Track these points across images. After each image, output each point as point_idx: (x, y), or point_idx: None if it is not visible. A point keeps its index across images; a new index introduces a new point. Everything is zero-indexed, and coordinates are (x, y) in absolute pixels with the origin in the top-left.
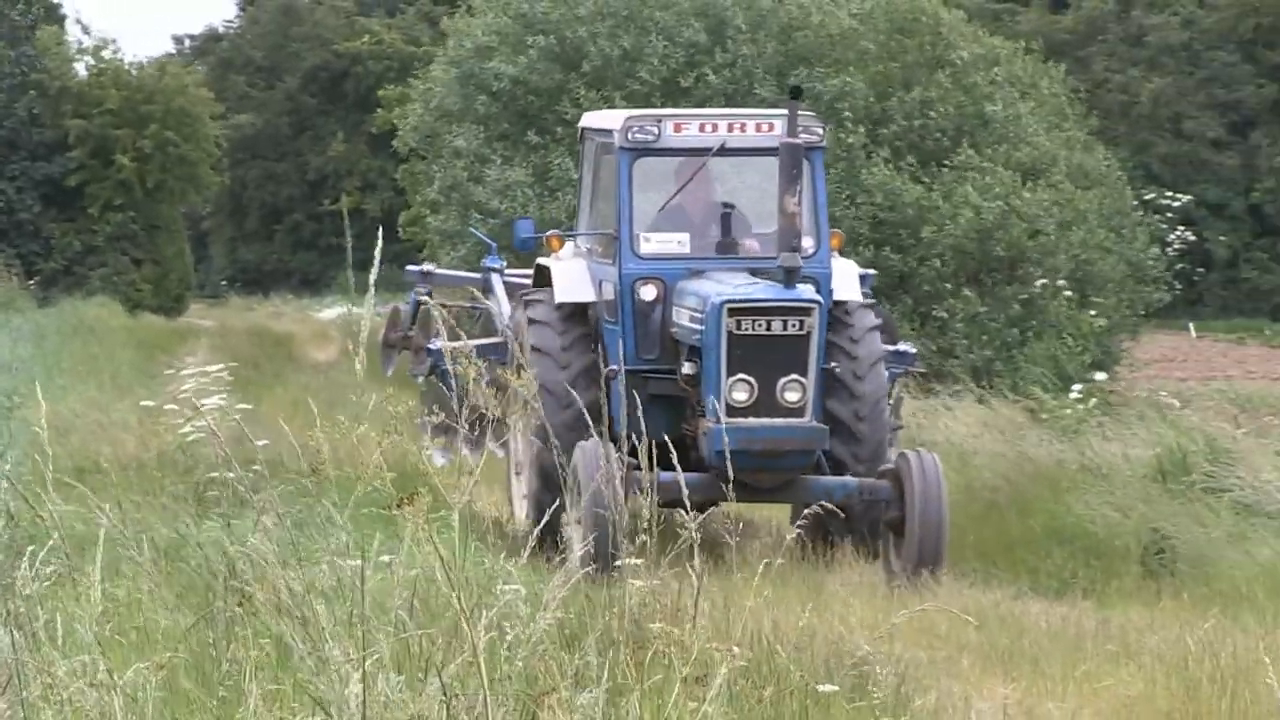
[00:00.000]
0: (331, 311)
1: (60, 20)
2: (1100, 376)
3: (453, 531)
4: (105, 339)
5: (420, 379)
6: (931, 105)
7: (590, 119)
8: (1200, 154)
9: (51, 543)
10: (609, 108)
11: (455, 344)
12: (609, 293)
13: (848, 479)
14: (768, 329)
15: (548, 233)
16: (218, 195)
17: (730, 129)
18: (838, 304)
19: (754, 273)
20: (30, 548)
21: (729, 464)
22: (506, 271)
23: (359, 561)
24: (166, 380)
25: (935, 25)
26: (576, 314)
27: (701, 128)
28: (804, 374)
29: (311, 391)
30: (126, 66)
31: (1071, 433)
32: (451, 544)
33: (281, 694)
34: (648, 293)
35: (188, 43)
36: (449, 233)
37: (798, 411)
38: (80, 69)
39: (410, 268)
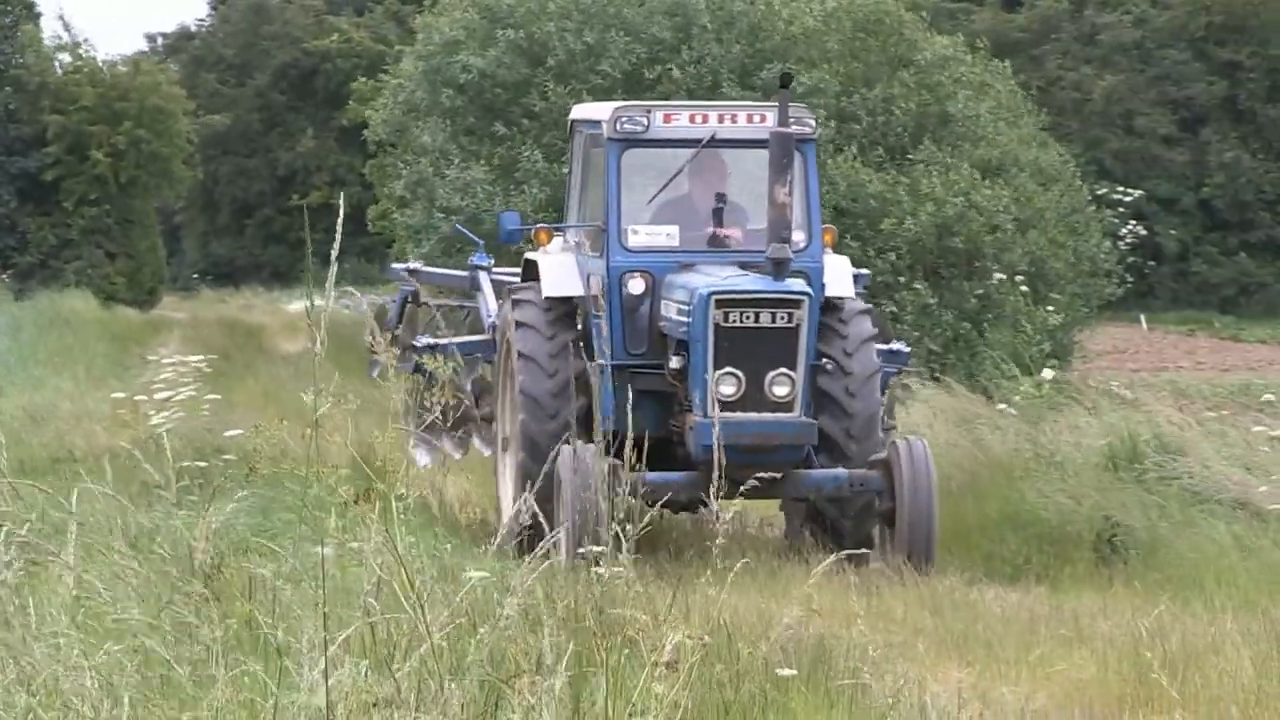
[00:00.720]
0: (301, 304)
1: (37, 18)
2: (1048, 375)
3: (414, 521)
4: (80, 331)
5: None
6: (894, 102)
7: (580, 111)
8: (1151, 150)
9: (25, 530)
10: (574, 101)
11: (440, 341)
12: (597, 286)
13: (838, 471)
14: (756, 321)
15: (535, 226)
16: (190, 190)
17: (721, 120)
18: (832, 309)
19: (744, 266)
20: (3, 532)
21: (717, 459)
22: (494, 270)
23: (328, 548)
24: (140, 371)
25: (898, 25)
26: (564, 316)
27: (691, 119)
28: (793, 368)
29: (280, 382)
30: (101, 64)
31: (1030, 422)
32: (414, 533)
33: (250, 675)
34: (636, 286)
35: (160, 41)
36: (416, 227)
37: (786, 406)
38: (57, 66)
39: (396, 266)
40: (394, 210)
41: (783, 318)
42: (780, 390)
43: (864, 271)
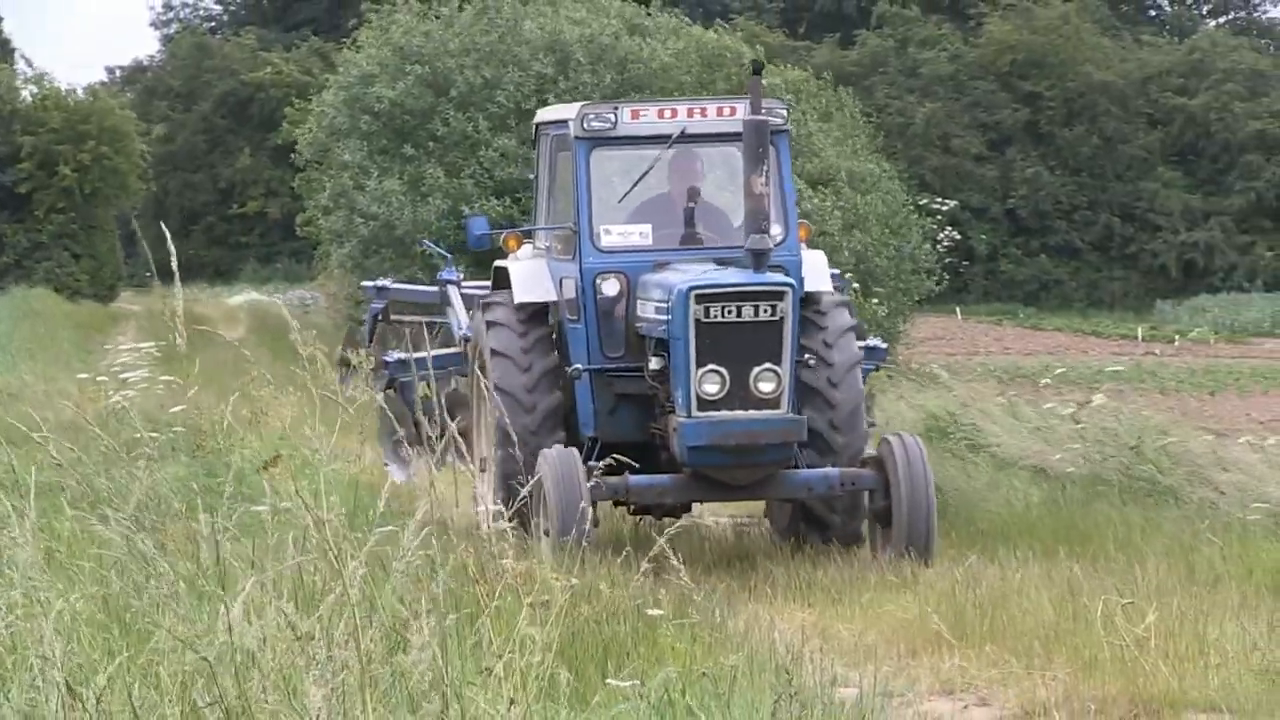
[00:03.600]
0: (239, 297)
1: (10, 54)
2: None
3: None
4: (49, 321)
5: (378, 396)
6: None
7: (545, 114)
8: (965, 167)
9: None
10: (473, 128)
11: (412, 355)
12: (570, 290)
13: (829, 470)
14: (738, 315)
15: (504, 232)
16: (144, 200)
17: (690, 114)
18: (810, 302)
19: (720, 263)
20: None
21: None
22: (463, 284)
23: (263, 506)
24: (101, 356)
25: (739, 59)
26: (537, 315)
27: (660, 114)
28: (778, 363)
29: (221, 364)
30: (64, 92)
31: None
32: (327, 495)
33: (193, 618)
34: (610, 287)
35: (118, 73)
36: (338, 232)
37: (773, 403)
38: (26, 95)
39: (365, 283)
40: (319, 217)
41: (765, 311)
42: (766, 386)
43: (835, 270)
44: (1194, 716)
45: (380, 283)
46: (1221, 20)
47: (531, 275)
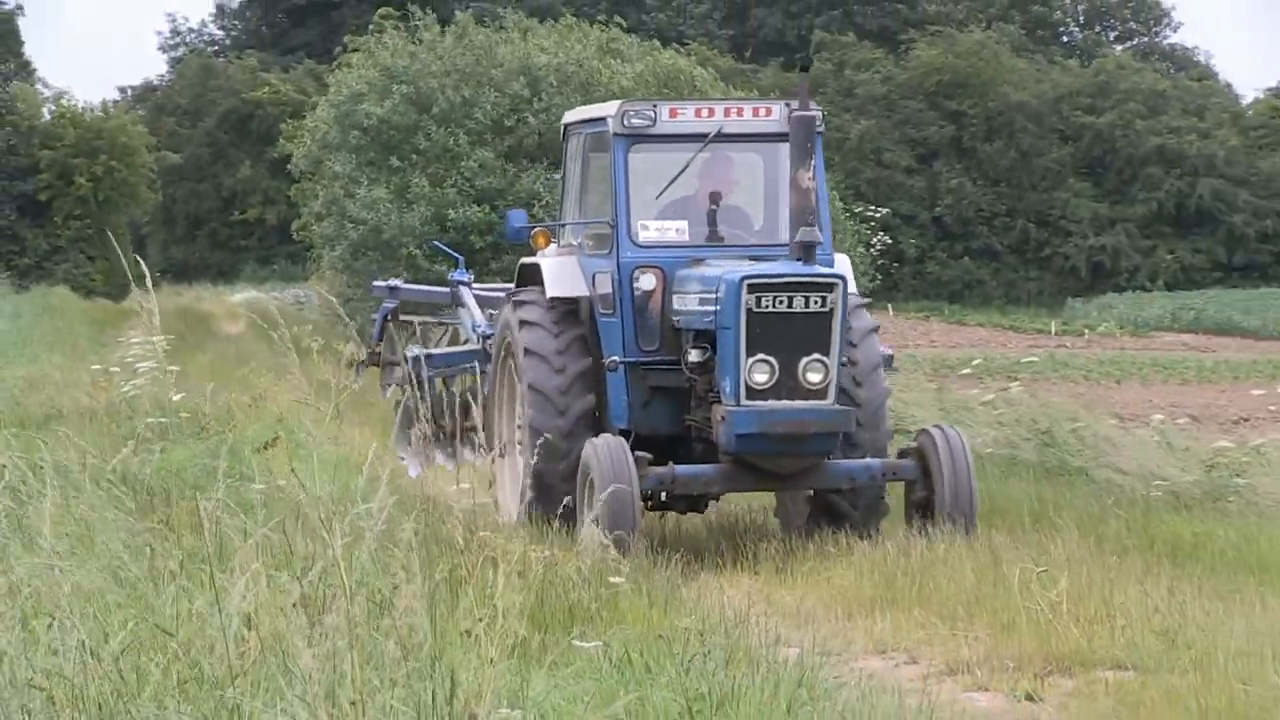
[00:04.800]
0: (240, 296)
1: (31, 74)
2: None
3: (329, 466)
4: (67, 317)
5: (389, 393)
6: None
7: (575, 114)
8: (896, 178)
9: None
10: (454, 142)
11: (431, 352)
12: (604, 285)
13: (870, 460)
14: (789, 306)
15: (535, 228)
16: (153, 208)
17: (727, 114)
18: None
19: (754, 259)
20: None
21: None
22: (474, 285)
23: (260, 485)
24: (114, 348)
25: (691, 80)
26: (569, 315)
27: (698, 113)
28: (826, 353)
29: (224, 356)
30: (81, 110)
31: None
32: (328, 474)
33: (195, 587)
34: (647, 282)
35: (130, 92)
36: (330, 236)
37: (820, 393)
38: (45, 112)
39: (377, 284)
40: (313, 223)
41: (816, 302)
42: (814, 376)
43: None
44: (1101, 673)
45: (392, 283)
46: (1126, 45)
47: (563, 270)
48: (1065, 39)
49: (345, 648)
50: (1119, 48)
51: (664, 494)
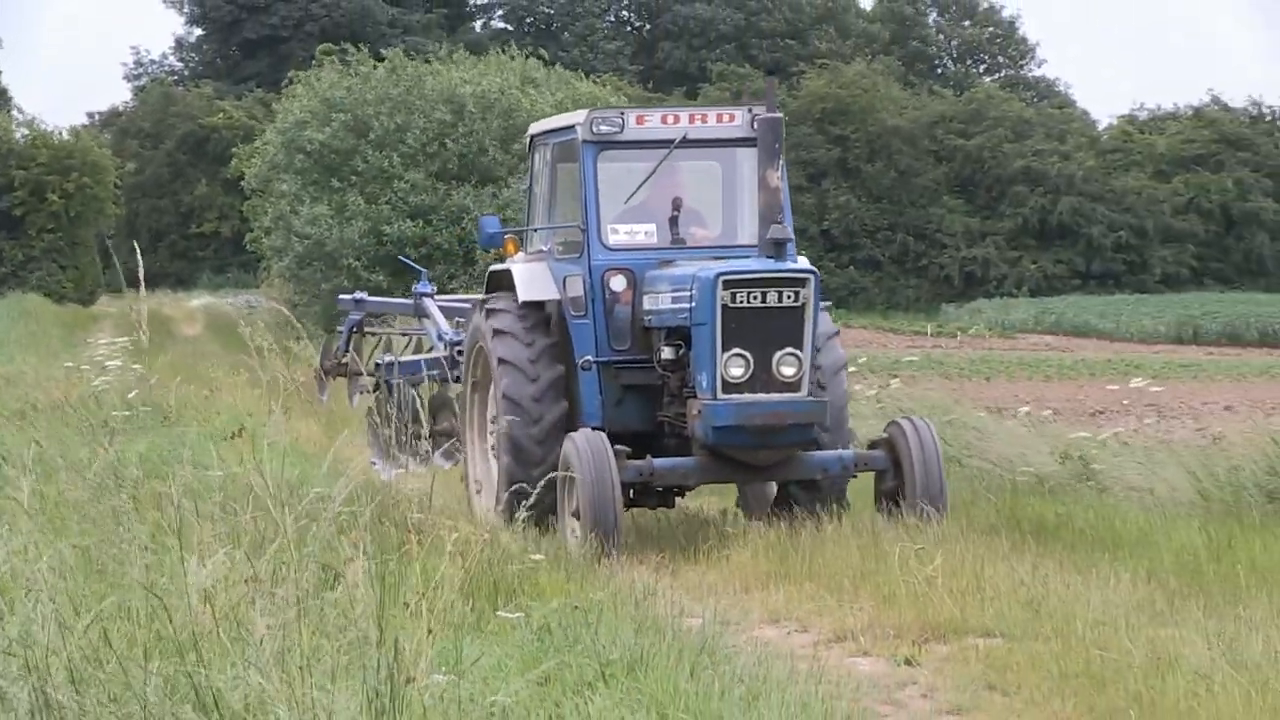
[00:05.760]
0: (197, 301)
1: (8, 102)
2: None
3: (278, 453)
4: (40, 321)
5: (356, 401)
6: None
7: (541, 124)
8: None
9: None
10: (388, 164)
11: (400, 359)
12: (575, 288)
13: (842, 452)
14: (763, 300)
15: (506, 232)
16: (119, 222)
17: (692, 120)
18: None
19: (719, 260)
20: None
21: (722, 441)
22: (436, 296)
23: (219, 471)
24: (83, 349)
25: (607, 105)
26: (540, 323)
27: (664, 119)
28: (800, 347)
29: (183, 355)
30: (52, 134)
31: None
32: (275, 462)
33: (160, 565)
34: (618, 283)
35: (97, 117)
36: (278, 248)
37: (794, 386)
38: (19, 136)
39: (342, 296)
40: (263, 236)
41: (789, 296)
42: (788, 370)
43: None
44: (973, 640)
45: (357, 295)
46: (995, 77)
47: (534, 276)
48: (940, 71)
49: (295, 618)
50: (989, 79)
51: (632, 491)
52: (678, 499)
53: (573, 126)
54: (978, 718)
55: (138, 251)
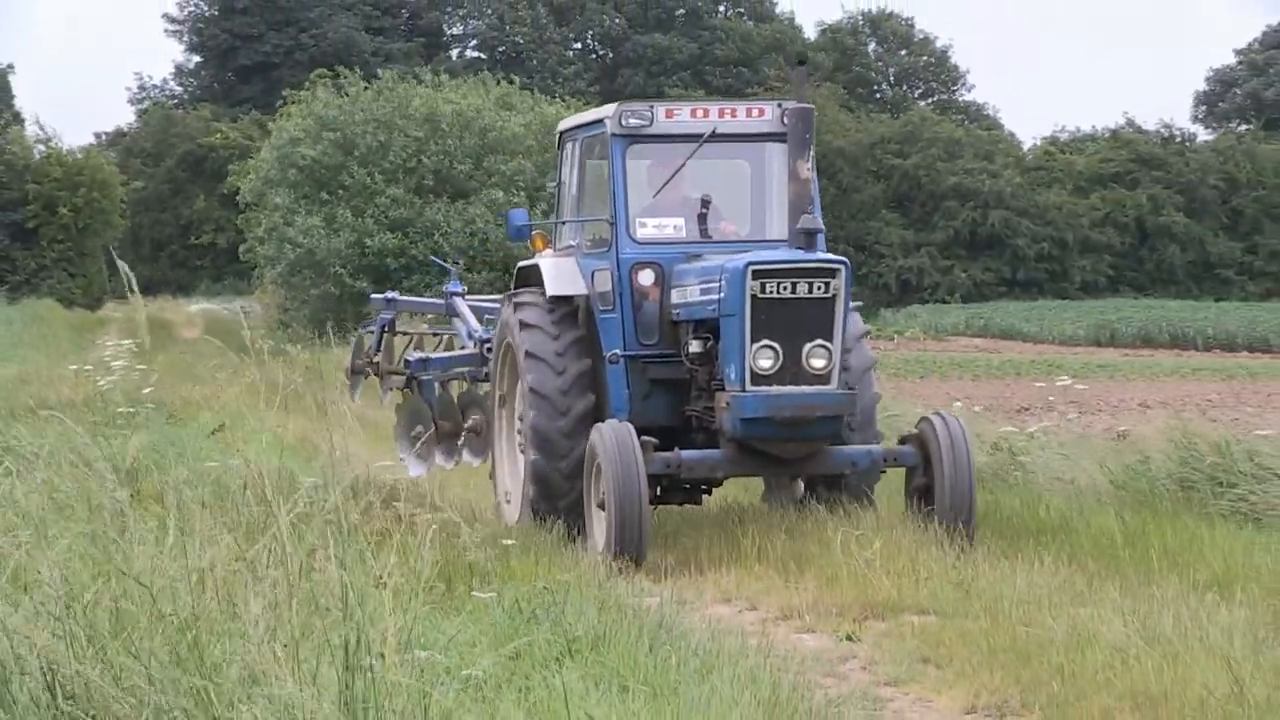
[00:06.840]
0: (196, 306)
1: (22, 122)
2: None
3: (273, 447)
4: (51, 325)
5: (387, 399)
6: None
7: (571, 120)
8: None
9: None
10: (371, 181)
11: (432, 356)
12: (603, 283)
13: (872, 447)
14: (793, 291)
15: (533, 226)
16: (124, 233)
17: (721, 115)
18: None
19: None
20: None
21: (753, 432)
22: (467, 296)
23: (214, 464)
24: (91, 350)
25: None
26: (568, 316)
27: (693, 113)
28: (830, 339)
29: (181, 357)
30: (64, 152)
31: None
32: (268, 456)
33: (161, 551)
34: (646, 277)
35: (104, 137)
36: (271, 257)
37: (824, 378)
38: (35, 153)
39: (375, 296)
40: (257, 246)
41: (819, 287)
42: (818, 362)
43: None
44: (908, 617)
45: (389, 295)
46: (929, 101)
47: (562, 270)
48: (879, 96)
49: (285, 597)
50: (923, 103)
51: (659, 488)
52: (705, 496)
53: (601, 121)
54: (913, 689)
55: (122, 266)
